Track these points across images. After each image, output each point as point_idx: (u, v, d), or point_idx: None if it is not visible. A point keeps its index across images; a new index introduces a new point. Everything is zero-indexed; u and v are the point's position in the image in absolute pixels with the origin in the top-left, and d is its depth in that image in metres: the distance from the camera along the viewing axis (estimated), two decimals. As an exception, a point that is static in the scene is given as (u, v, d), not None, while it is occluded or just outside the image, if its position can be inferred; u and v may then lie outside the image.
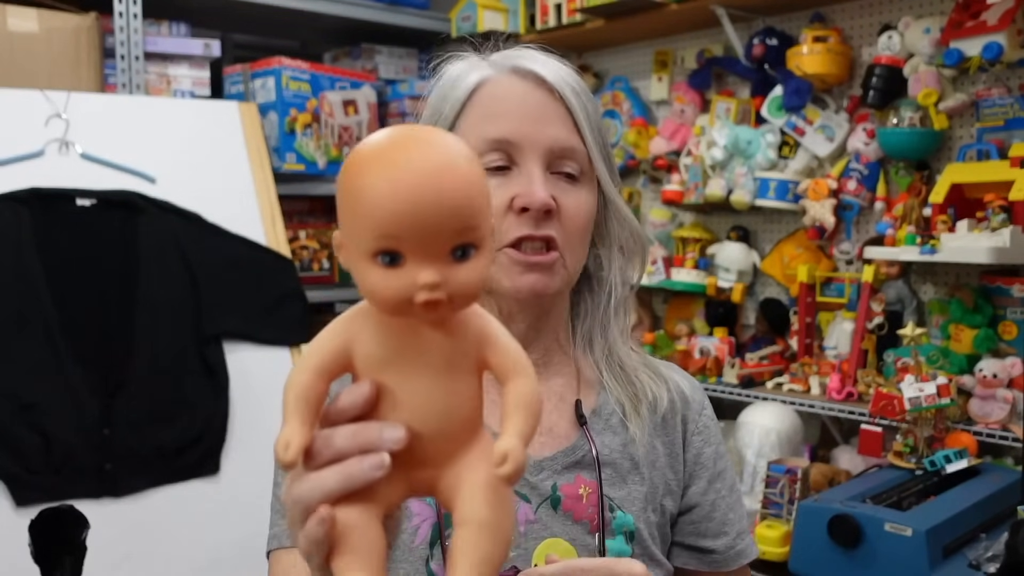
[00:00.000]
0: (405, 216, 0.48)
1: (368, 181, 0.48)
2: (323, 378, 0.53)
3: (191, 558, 1.78)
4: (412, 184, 0.48)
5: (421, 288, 0.49)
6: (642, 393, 0.94)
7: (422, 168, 0.48)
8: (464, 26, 2.59)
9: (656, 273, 2.38)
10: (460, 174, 0.49)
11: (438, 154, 0.49)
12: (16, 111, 1.90)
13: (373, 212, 0.48)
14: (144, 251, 1.89)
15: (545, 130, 0.86)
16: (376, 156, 0.49)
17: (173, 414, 1.82)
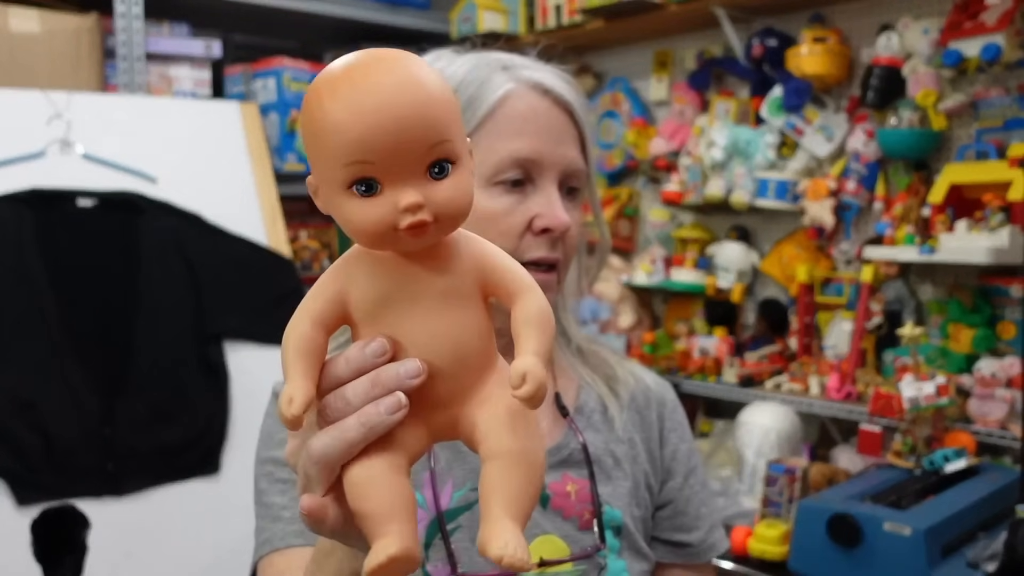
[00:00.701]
0: (374, 137, 0.45)
1: (330, 109, 0.46)
2: (321, 329, 0.50)
3: (191, 558, 1.78)
4: (377, 103, 0.45)
5: (403, 211, 0.46)
6: (615, 374, 0.98)
7: (385, 86, 0.46)
8: (464, 27, 2.59)
9: (656, 273, 2.38)
10: (425, 88, 0.47)
11: (400, 70, 0.47)
12: (17, 111, 1.90)
13: (340, 139, 0.46)
14: (145, 251, 1.89)
15: (563, 151, 0.89)
16: (335, 82, 0.47)
17: (173, 414, 1.82)
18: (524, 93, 0.89)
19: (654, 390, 1.00)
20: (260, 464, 0.91)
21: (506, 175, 0.87)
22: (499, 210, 0.86)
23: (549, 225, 0.86)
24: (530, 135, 0.87)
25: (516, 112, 0.88)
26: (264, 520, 0.88)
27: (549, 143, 0.88)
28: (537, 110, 0.88)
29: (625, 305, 2.48)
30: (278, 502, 0.88)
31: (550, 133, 0.88)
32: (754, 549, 1.68)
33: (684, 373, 2.24)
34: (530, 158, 0.87)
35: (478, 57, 0.92)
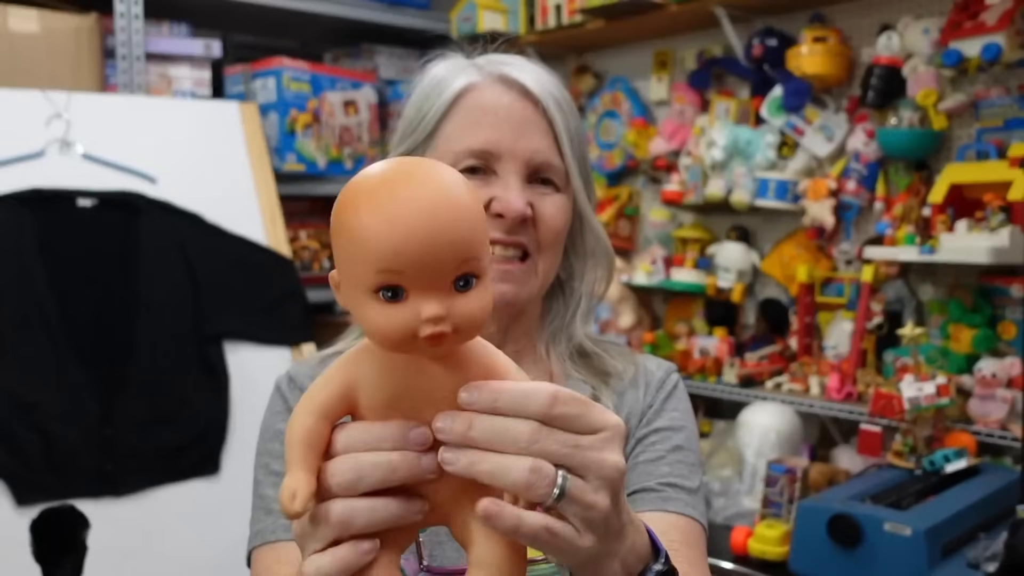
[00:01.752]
0: (407, 250, 0.47)
1: (366, 216, 0.47)
2: (326, 421, 0.51)
3: (191, 558, 1.78)
4: (413, 217, 0.47)
5: (425, 322, 0.47)
6: (611, 369, 0.95)
7: (422, 200, 0.47)
8: (464, 26, 2.59)
9: (656, 273, 2.38)
10: (460, 205, 0.48)
11: (436, 186, 0.48)
12: (17, 111, 1.90)
13: (373, 247, 0.47)
14: (145, 251, 1.89)
15: (526, 143, 0.87)
16: (373, 191, 0.48)
17: (173, 414, 1.82)
18: (486, 86, 0.89)
19: (653, 372, 0.98)
20: (258, 456, 0.92)
21: (464, 164, 0.87)
22: None
23: (501, 211, 0.85)
24: (487, 126, 0.87)
25: (475, 104, 0.88)
26: (258, 511, 0.89)
27: (509, 134, 0.87)
28: (497, 101, 0.88)
29: (625, 305, 2.48)
30: (271, 495, 0.88)
31: (510, 124, 0.87)
32: (754, 549, 1.68)
33: (684, 373, 2.24)
34: (486, 149, 0.87)
35: (465, 59, 0.93)
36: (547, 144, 0.89)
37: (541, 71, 0.92)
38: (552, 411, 0.51)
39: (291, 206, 2.47)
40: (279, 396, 0.94)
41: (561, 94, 0.91)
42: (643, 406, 0.95)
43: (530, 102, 0.89)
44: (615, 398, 0.94)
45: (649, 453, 0.91)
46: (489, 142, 0.87)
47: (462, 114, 0.89)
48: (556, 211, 0.90)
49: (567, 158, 0.90)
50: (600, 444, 0.52)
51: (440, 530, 0.83)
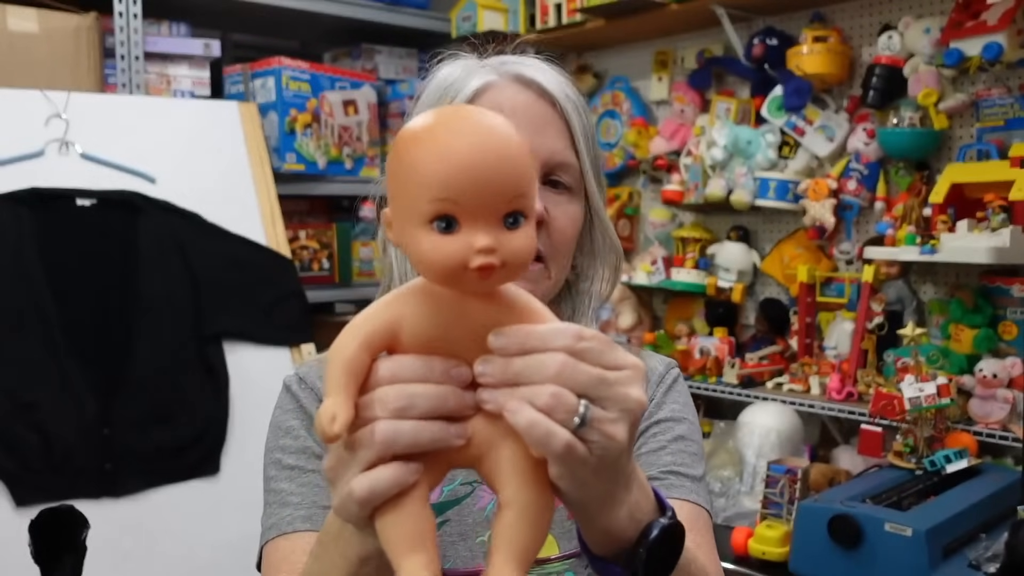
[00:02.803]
0: (464, 179, 0.49)
1: (424, 149, 0.50)
2: (368, 352, 0.52)
3: (191, 558, 1.78)
4: (471, 149, 0.49)
5: (477, 252, 0.49)
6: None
7: (479, 135, 0.50)
8: (464, 26, 2.59)
9: (656, 273, 2.38)
10: (511, 143, 0.51)
11: (489, 125, 0.51)
12: (16, 111, 1.90)
13: (432, 177, 0.49)
14: (144, 251, 1.89)
15: (543, 142, 0.87)
16: (432, 127, 0.51)
17: (173, 414, 1.82)
18: (504, 85, 0.88)
19: (654, 368, 0.98)
20: (269, 453, 0.92)
21: None
22: None
23: None
24: None
25: (492, 103, 0.87)
26: (272, 507, 0.89)
27: (526, 133, 0.86)
28: (515, 100, 0.87)
29: (625, 305, 2.48)
30: (286, 488, 0.88)
31: (528, 123, 0.86)
32: (755, 550, 1.67)
33: (684, 374, 2.23)
34: None
35: (478, 59, 0.92)
36: (564, 144, 0.88)
37: (556, 71, 0.91)
38: (577, 345, 0.52)
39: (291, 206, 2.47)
40: (289, 395, 0.94)
41: (575, 94, 0.91)
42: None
43: (547, 102, 0.88)
44: None
45: (651, 444, 0.92)
46: None
47: None
48: (569, 219, 0.89)
49: (582, 157, 0.89)
50: (623, 380, 0.54)
51: (452, 531, 0.83)
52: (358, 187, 2.57)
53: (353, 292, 2.56)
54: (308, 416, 0.90)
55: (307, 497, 0.86)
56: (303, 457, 0.88)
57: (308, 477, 0.87)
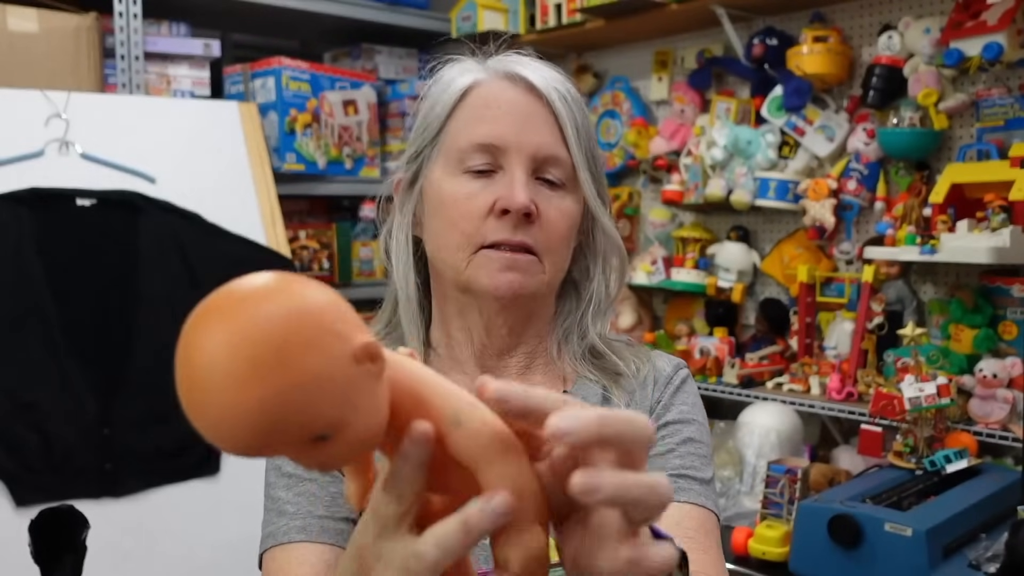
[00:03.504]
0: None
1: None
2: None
3: (191, 558, 1.78)
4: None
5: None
6: (622, 368, 0.95)
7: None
8: (464, 26, 2.59)
9: (656, 273, 2.38)
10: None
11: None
12: (16, 111, 1.90)
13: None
14: (144, 251, 1.89)
15: (531, 136, 0.87)
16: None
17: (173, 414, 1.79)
18: (491, 82, 0.89)
19: (662, 369, 0.98)
20: (269, 459, 0.92)
21: (472, 162, 0.87)
22: (462, 194, 0.87)
23: (506, 205, 0.84)
24: (491, 121, 0.87)
25: (480, 99, 0.88)
26: (270, 513, 0.89)
27: (513, 127, 0.87)
28: (501, 96, 0.88)
29: (625, 305, 2.48)
30: (283, 496, 0.88)
31: (514, 117, 0.87)
32: (755, 550, 1.67)
33: (684, 373, 2.24)
34: (490, 142, 0.86)
35: (473, 60, 0.93)
36: (553, 138, 0.88)
37: (547, 67, 0.92)
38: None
39: (291, 206, 2.47)
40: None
41: (567, 89, 0.91)
42: (652, 402, 0.95)
43: (535, 96, 0.88)
44: (626, 397, 0.94)
45: (660, 447, 0.92)
46: (493, 135, 0.87)
47: (467, 110, 0.89)
48: (561, 213, 0.89)
49: (573, 151, 0.89)
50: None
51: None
52: (358, 187, 2.58)
53: (353, 292, 2.56)
54: None
55: (302, 507, 0.86)
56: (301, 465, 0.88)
57: (304, 486, 0.87)
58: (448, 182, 0.88)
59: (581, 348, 0.96)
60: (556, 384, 0.95)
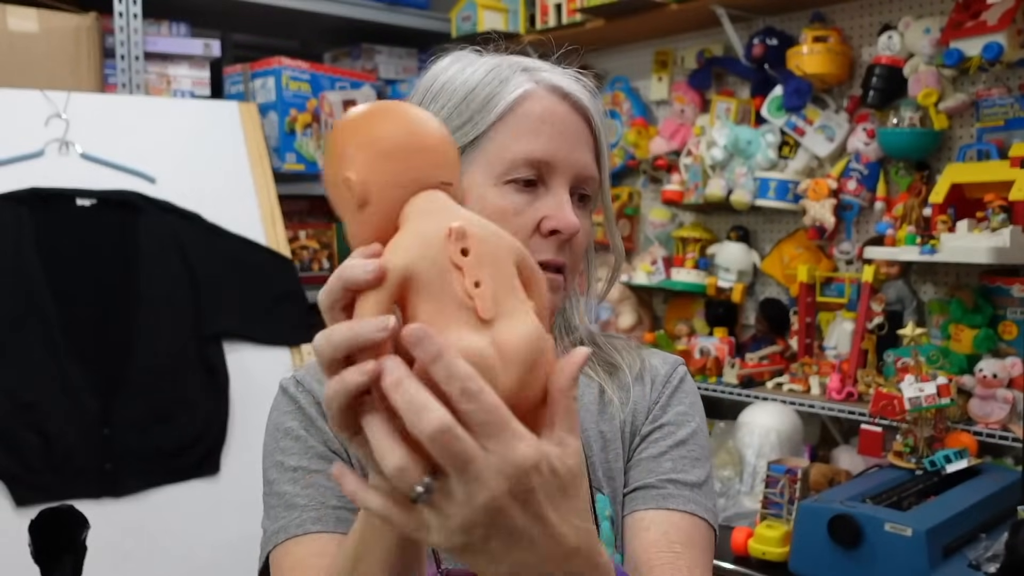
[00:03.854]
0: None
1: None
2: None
3: (191, 558, 1.78)
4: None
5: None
6: (618, 360, 0.96)
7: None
8: (464, 26, 2.59)
9: (656, 273, 2.38)
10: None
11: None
12: (16, 111, 1.90)
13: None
14: (144, 251, 1.89)
15: (577, 155, 0.88)
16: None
17: (173, 414, 1.82)
18: (543, 95, 0.89)
19: (658, 368, 0.98)
20: (268, 456, 0.92)
21: (518, 174, 0.86)
22: (509, 208, 0.86)
23: (558, 227, 0.85)
24: (545, 136, 0.87)
25: (533, 112, 0.88)
26: (276, 509, 0.88)
27: (564, 146, 0.87)
28: (554, 112, 0.88)
29: (625, 305, 2.48)
30: (290, 490, 0.87)
31: (565, 136, 0.88)
32: (755, 550, 1.67)
33: (684, 373, 2.24)
34: (543, 159, 0.86)
35: (499, 59, 0.92)
36: (591, 158, 0.90)
37: (584, 82, 0.92)
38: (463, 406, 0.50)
39: (291, 206, 2.47)
40: (287, 397, 0.94)
41: (600, 106, 0.93)
42: (649, 402, 0.95)
43: (580, 115, 0.89)
44: (621, 393, 0.95)
45: (652, 449, 0.92)
46: (547, 152, 0.87)
47: (518, 122, 0.88)
48: (588, 229, 0.91)
49: (603, 168, 0.92)
50: (488, 464, 0.50)
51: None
52: (358, 187, 2.57)
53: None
54: (307, 418, 0.90)
55: (315, 498, 0.85)
56: (306, 458, 0.88)
57: (313, 478, 0.86)
58: (492, 192, 0.86)
59: (574, 338, 0.97)
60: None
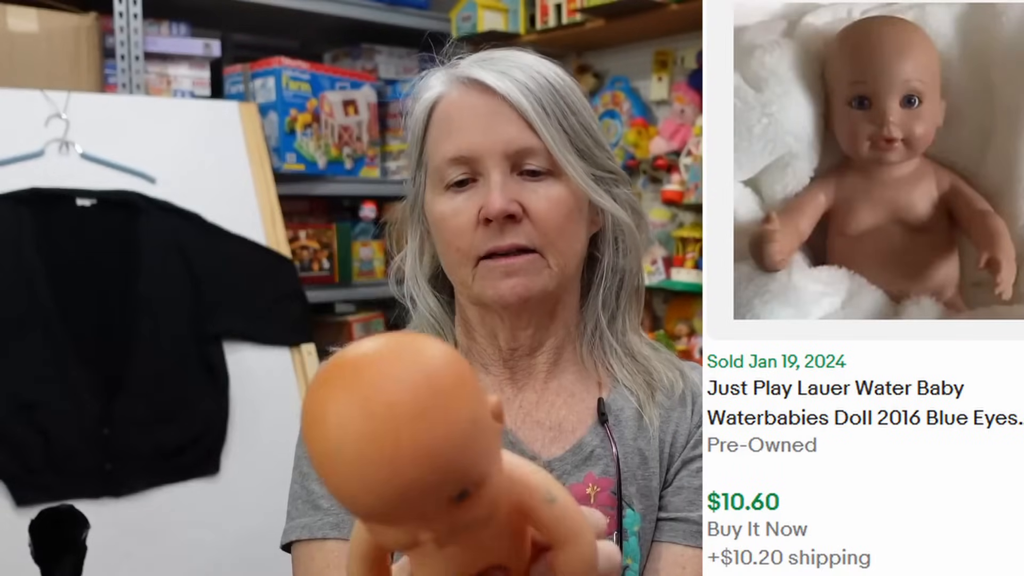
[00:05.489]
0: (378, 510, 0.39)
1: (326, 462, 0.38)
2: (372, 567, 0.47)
3: (191, 558, 1.78)
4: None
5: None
6: (657, 379, 0.93)
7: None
8: (464, 26, 2.59)
9: (656, 273, 2.38)
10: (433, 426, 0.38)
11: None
12: (16, 111, 1.89)
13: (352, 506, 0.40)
14: (144, 251, 1.89)
15: (497, 135, 0.86)
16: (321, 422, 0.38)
17: (173, 414, 1.82)
18: (450, 92, 0.89)
19: (699, 387, 0.94)
20: (300, 445, 0.93)
21: (450, 177, 0.87)
22: (449, 212, 0.87)
23: (485, 214, 0.84)
24: (457, 131, 0.87)
25: (444, 113, 0.89)
26: (304, 504, 0.89)
27: (478, 132, 0.86)
28: (462, 105, 0.88)
29: (625, 305, 2.48)
30: (316, 490, 0.89)
31: (478, 122, 0.86)
32: (755, 550, 1.67)
33: (684, 373, 2.24)
34: (461, 155, 0.86)
35: (429, 71, 0.93)
36: (520, 130, 0.86)
37: (514, 58, 0.89)
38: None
39: (291, 206, 2.47)
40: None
41: (532, 76, 0.87)
42: (691, 426, 0.91)
43: (492, 96, 0.86)
44: (661, 414, 0.92)
45: (694, 481, 0.89)
46: (461, 146, 0.86)
47: (435, 127, 0.89)
48: (551, 203, 0.85)
49: (546, 137, 0.85)
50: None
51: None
52: (358, 187, 2.57)
53: (353, 292, 2.56)
54: None
55: (335, 502, 0.86)
56: None
57: None
58: (437, 202, 0.88)
59: (613, 340, 0.94)
60: (589, 388, 0.93)
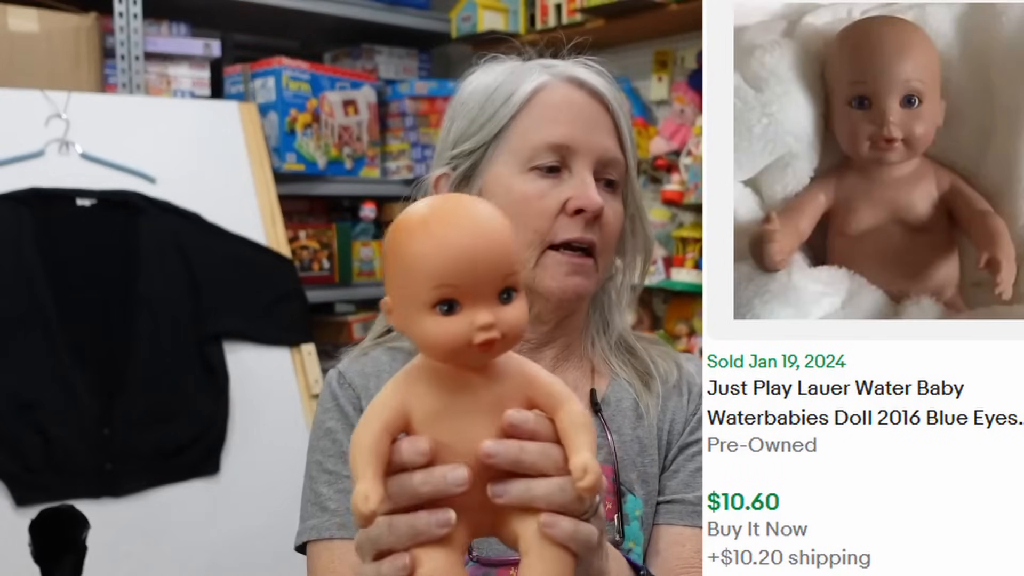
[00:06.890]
0: (463, 266, 0.54)
1: (423, 240, 0.55)
2: (387, 435, 0.56)
3: (191, 558, 1.78)
4: (467, 237, 0.54)
5: (479, 329, 0.54)
6: (653, 369, 0.97)
7: (472, 224, 0.55)
8: (464, 26, 2.59)
9: (656, 273, 2.38)
10: (502, 227, 0.56)
11: (480, 213, 0.57)
12: (16, 111, 1.90)
13: (432, 266, 0.54)
14: (144, 251, 1.89)
15: (598, 139, 0.92)
16: (426, 219, 0.56)
17: (173, 414, 1.82)
18: (559, 85, 0.93)
19: (695, 377, 0.98)
20: (311, 450, 0.95)
21: (541, 160, 0.90)
22: (534, 193, 0.89)
23: (582, 205, 0.88)
24: (564, 123, 0.91)
25: (551, 101, 0.92)
26: (312, 506, 0.91)
27: (583, 131, 0.91)
28: (571, 100, 0.93)
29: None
30: (325, 492, 0.90)
31: (583, 121, 0.91)
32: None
33: (684, 373, 2.24)
34: (563, 143, 0.90)
35: (519, 62, 0.97)
36: (613, 142, 0.93)
37: (601, 72, 0.97)
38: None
39: (291, 206, 2.47)
40: (329, 393, 0.96)
41: (620, 95, 0.97)
42: (687, 414, 0.96)
43: (598, 102, 0.94)
44: (657, 402, 0.95)
45: (690, 465, 0.93)
46: (566, 136, 0.90)
47: (537, 111, 0.92)
48: (616, 215, 0.93)
49: (628, 155, 0.94)
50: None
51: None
52: (358, 187, 2.58)
53: (353, 292, 2.56)
54: (345, 418, 0.92)
55: (343, 504, 0.88)
56: (340, 462, 0.90)
57: (344, 484, 0.89)
58: (517, 180, 0.90)
59: (611, 340, 0.99)
60: (589, 380, 0.97)
